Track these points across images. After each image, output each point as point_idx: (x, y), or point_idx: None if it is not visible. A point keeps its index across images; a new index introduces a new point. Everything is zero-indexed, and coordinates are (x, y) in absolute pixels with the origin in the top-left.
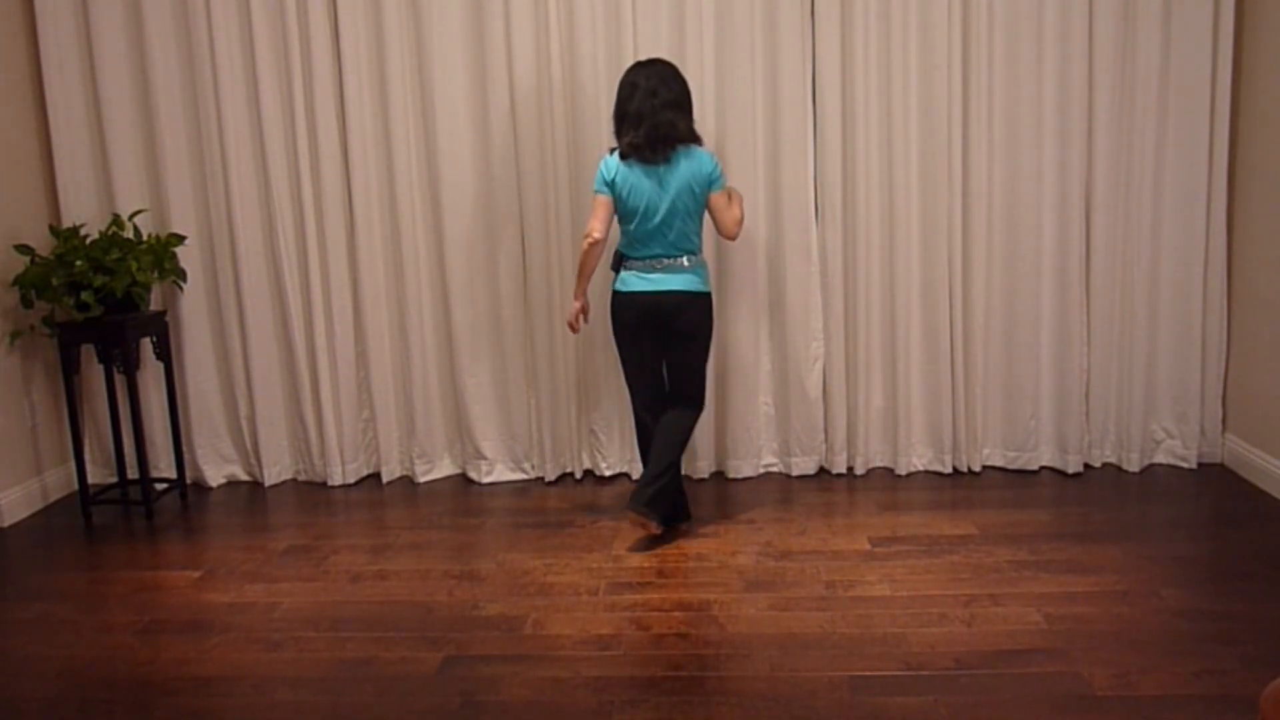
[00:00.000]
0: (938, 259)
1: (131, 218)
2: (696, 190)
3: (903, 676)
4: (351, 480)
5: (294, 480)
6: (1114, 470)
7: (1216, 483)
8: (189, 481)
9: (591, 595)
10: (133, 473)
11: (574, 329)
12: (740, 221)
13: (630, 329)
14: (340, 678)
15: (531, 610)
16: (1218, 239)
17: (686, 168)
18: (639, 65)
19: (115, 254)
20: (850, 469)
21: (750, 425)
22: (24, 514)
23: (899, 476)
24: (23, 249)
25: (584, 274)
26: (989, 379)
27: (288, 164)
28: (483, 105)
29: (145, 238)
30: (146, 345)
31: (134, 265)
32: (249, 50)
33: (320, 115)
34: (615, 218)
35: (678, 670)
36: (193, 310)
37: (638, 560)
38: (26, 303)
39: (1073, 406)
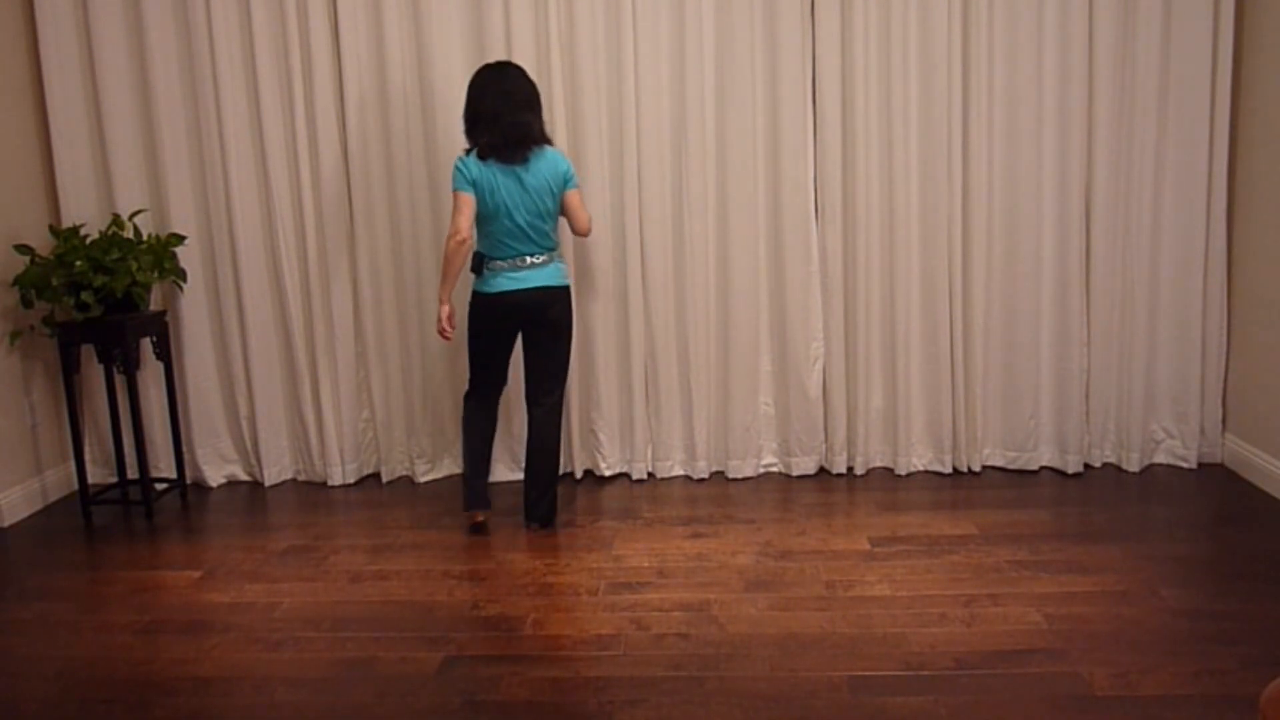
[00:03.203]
0: (938, 259)
1: (131, 218)
2: (555, 189)
3: (903, 676)
4: (351, 480)
5: (294, 480)
6: (1114, 470)
7: (1216, 483)
8: (189, 481)
9: (591, 595)
10: (133, 473)
11: (446, 336)
12: (590, 220)
13: (495, 328)
14: (340, 678)
15: (531, 610)
16: (1218, 239)
17: (542, 168)
18: (488, 67)
19: (115, 254)
20: (850, 469)
21: (750, 425)
22: (24, 514)
23: (899, 476)
24: (23, 249)
25: (450, 276)
26: (989, 379)
27: (288, 164)
28: None
29: (145, 238)
30: (146, 345)
31: (134, 265)
32: (249, 50)
33: (320, 115)
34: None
35: (678, 670)
36: (193, 310)
37: (638, 560)
38: (26, 303)
39: (1073, 406)
